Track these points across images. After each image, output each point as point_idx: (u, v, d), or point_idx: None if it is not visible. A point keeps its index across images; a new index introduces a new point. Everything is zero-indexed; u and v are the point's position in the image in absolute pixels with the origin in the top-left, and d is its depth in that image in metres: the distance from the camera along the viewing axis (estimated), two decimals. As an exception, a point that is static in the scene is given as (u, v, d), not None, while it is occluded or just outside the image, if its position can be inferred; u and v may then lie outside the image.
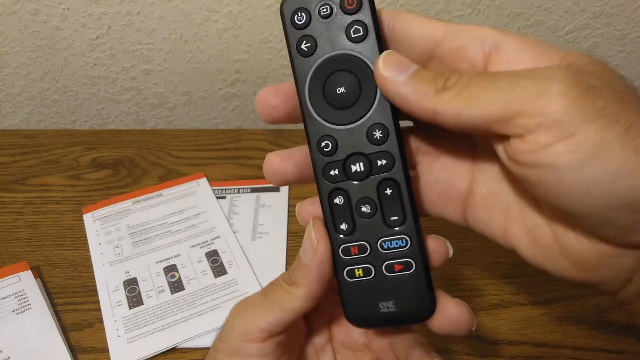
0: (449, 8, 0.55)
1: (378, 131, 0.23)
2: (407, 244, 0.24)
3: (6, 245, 0.49)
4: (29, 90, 0.63)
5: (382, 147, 0.23)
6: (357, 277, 0.24)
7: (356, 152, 0.23)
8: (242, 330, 0.25)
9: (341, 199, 0.24)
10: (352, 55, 0.23)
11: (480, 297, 0.44)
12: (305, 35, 0.23)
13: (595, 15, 0.57)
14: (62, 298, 0.45)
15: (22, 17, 0.56)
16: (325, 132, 0.24)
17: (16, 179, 0.56)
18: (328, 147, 0.24)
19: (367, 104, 0.23)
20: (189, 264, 0.47)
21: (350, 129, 0.23)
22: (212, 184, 0.55)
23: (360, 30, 0.22)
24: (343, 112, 0.23)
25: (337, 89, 0.23)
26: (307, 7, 0.23)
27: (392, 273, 0.24)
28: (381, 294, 0.24)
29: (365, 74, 0.23)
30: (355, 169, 0.24)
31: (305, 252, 0.24)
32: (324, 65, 0.23)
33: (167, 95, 0.64)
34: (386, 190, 0.24)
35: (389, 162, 0.23)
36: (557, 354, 0.40)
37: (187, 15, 0.56)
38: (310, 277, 0.24)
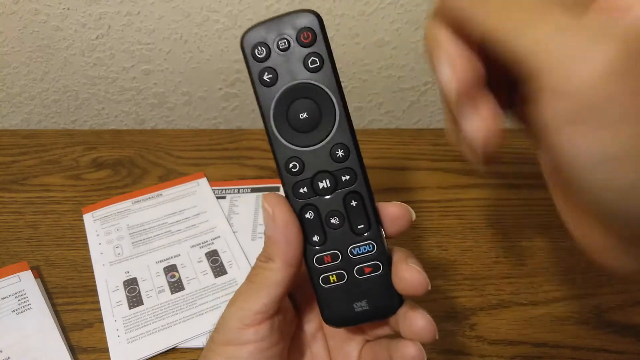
0: (449, 8, 0.55)
1: (340, 150, 0.26)
2: (373, 248, 0.26)
3: (6, 245, 0.49)
4: (29, 90, 0.63)
5: (345, 164, 0.26)
6: (331, 282, 0.27)
7: (322, 171, 0.26)
8: (238, 317, 0.26)
9: (311, 214, 0.26)
10: (311, 84, 0.25)
11: (480, 297, 0.44)
12: (267, 67, 0.25)
13: (595, 15, 0.56)
14: (62, 298, 0.45)
15: (22, 17, 0.56)
16: (292, 154, 0.26)
17: (16, 179, 0.56)
18: (296, 168, 0.26)
19: (328, 127, 0.25)
20: (189, 264, 0.47)
21: (315, 150, 0.26)
22: (212, 184, 0.55)
23: (317, 61, 0.25)
24: (307, 135, 0.26)
25: (300, 114, 0.25)
26: (266, 41, 0.25)
27: (362, 275, 0.27)
28: (354, 295, 0.27)
29: (325, 100, 0.25)
30: (323, 185, 0.26)
31: (267, 225, 0.25)
32: (285, 94, 0.25)
33: (167, 95, 0.64)
34: (351, 202, 0.26)
35: (352, 177, 0.26)
36: (557, 354, 0.40)
37: (187, 15, 0.56)
38: (279, 245, 0.25)
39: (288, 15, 0.25)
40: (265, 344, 0.26)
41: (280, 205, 0.25)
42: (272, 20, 0.25)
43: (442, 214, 0.51)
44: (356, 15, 0.56)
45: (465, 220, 0.50)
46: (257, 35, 0.25)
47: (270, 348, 0.26)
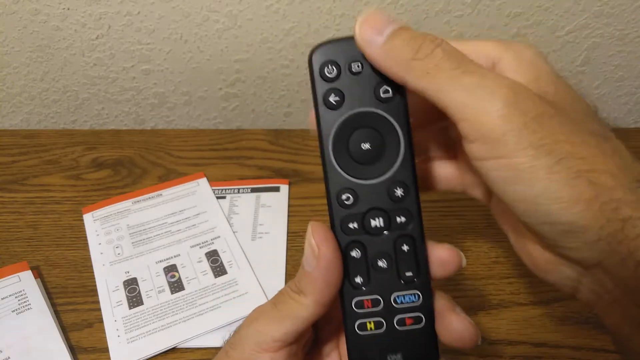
0: (449, 8, 0.55)
1: (399, 189, 0.24)
2: (419, 298, 0.25)
3: (6, 245, 0.49)
4: (29, 90, 0.63)
5: (402, 205, 0.24)
6: (368, 330, 0.25)
7: (376, 207, 0.24)
8: (255, 340, 0.25)
9: (358, 253, 0.24)
10: (379, 114, 0.23)
11: (480, 297, 0.44)
12: (334, 89, 0.23)
13: (595, 15, 0.56)
14: (62, 298, 0.45)
15: (22, 17, 0.56)
16: (346, 185, 0.24)
17: (16, 179, 0.56)
18: (349, 200, 0.24)
19: (390, 162, 0.24)
20: (189, 264, 0.47)
21: (372, 184, 0.24)
22: (212, 184, 0.55)
23: (389, 90, 0.23)
24: (366, 167, 0.24)
25: (362, 144, 0.24)
26: (338, 60, 0.23)
27: (402, 326, 0.25)
28: (390, 347, 0.25)
29: (390, 132, 0.24)
30: (375, 223, 0.24)
31: (308, 260, 0.24)
32: (350, 120, 0.24)
33: (167, 95, 0.64)
34: (403, 246, 0.24)
35: (408, 219, 0.24)
36: (557, 354, 0.40)
37: (187, 15, 0.56)
38: (316, 284, 0.24)
39: None
40: None
41: (327, 242, 0.23)
42: (347, 40, 0.23)
43: (442, 214, 0.51)
44: (356, 15, 0.56)
45: (465, 220, 0.50)
46: (329, 53, 0.24)
47: None
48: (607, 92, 0.65)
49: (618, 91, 0.64)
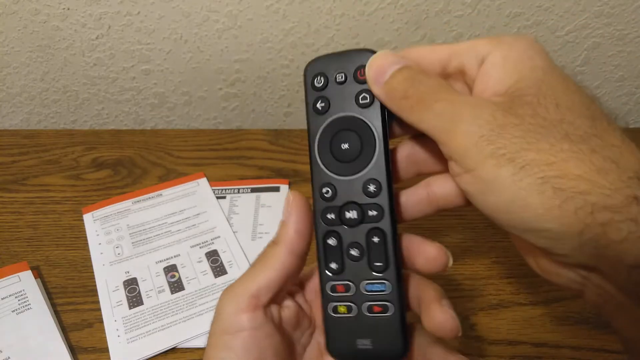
0: (449, 8, 0.55)
1: (372, 185, 0.26)
2: (387, 288, 0.26)
3: (6, 245, 0.49)
4: (29, 90, 0.63)
5: (375, 200, 0.26)
6: (340, 312, 0.27)
7: (351, 201, 0.26)
8: (232, 303, 0.26)
9: (334, 241, 0.27)
10: (358, 118, 0.26)
11: (480, 297, 0.44)
12: (321, 96, 0.27)
13: (595, 15, 0.57)
14: (62, 298, 0.45)
15: (22, 17, 0.56)
16: (327, 180, 0.27)
17: (16, 179, 0.56)
18: (328, 194, 0.27)
19: (366, 161, 0.26)
20: (189, 264, 0.47)
21: (349, 180, 0.26)
22: (212, 184, 0.55)
23: (367, 98, 0.26)
24: (345, 165, 0.27)
25: (342, 144, 0.26)
26: (326, 72, 0.27)
27: (371, 313, 0.26)
28: (359, 332, 0.27)
29: (367, 134, 0.26)
30: (349, 215, 0.26)
31: (284, 210, 0.27)
32: (333, 123, 0.27)
33: (167, 95, 0.64)
34: (374, 238, 0.26)
35: (379, 213, 0.26)
36: (557, 354, 0.40)
37: (187, 15, 0.56)
38: (289, 230, 0.26)
39: (350, 52, 0.27)
40: (260, 334, 0.26)
41: (301, 198, 0.26)
42: (335, 55, 0.27)
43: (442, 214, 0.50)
44: (356, 15, 0.56)
45: (465, 220, 0.50)
46: (319, 66, 0.27)
47: (265, 338, 0.26)
48: (607, 92, 0.65)
49: (618, 91, 0.64)
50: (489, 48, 0.24)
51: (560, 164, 0.20)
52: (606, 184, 0.20)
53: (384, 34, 0.57)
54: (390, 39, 0.58)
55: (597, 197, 0.19)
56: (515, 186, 0.20)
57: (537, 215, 0.20)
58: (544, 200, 0.20)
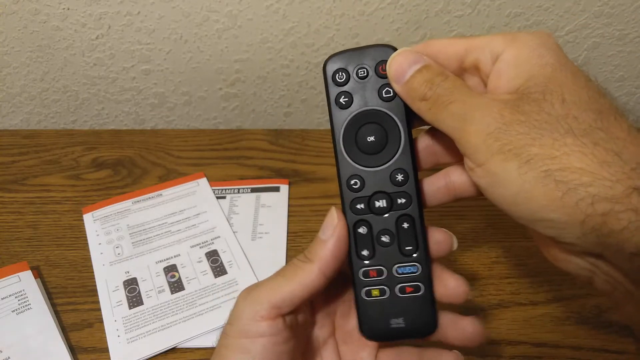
0: (449, 8, 0.55)
1: (400, 175, 0.27)
2: (418, 270, 0.28)
3: (6, 245, 0.49)
4: (29, 90, 0.63)
5: (403, 188, 0.28)
6: (373, 296, 0.28)
7: (380, 191, 0.28)
8: (252, 309, 0.26)
9: (365, 229, 0.28)
10: (383, 112, 0.27)
11: (480, 297, 0.44)
12: (344, 91, 0.28)
13: (595, 15, 0.56)
14: (62, 298, 0.45)
15: (22, 17, 0.56)
16: (354, 172, 0.28)
17: (16, 179, 0.56)
18: (357, 185, 0.28)
19: (392, 152, 0.28)
20: (189, 264, 0.47)
21: (377, 171, 0.28)
22: (212, 184, 0.55)
23: (391, 91, 0.27)
24: (371, 156, 0.28)
25: (368, 137, 0.28)
26: (347, 68, 0.27)
27: (403, 294, 0.28)
28: (393, 312, 0.28)
29: (392, 127, 0.27)
30: (379, 204, 0.28)
31: (325, 229, 0.27)
32: (358, 117, 0.28)
33: (167, 95, 0.64)
34: (403, 224, 0.28)
35: (408, 201, 0.28)
36: (557, 354, 0.40)
37: (187, 15, 0.56)
38: (326, 251, 0.26)
39: (370, 48, 0.27)
40: (279, 339, 0.26)
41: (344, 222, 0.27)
42: (355, 50, 0.28)
43: (442, 214, 0.51)
44: (356, 15, 0.56)
45: (465, 220, 0.50)
46: (340, 61, 0.28)
47: (283, 344, 0.27)
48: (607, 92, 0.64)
49: (618, 91, 0.64)
50: (503, 46, 0.25)
51: (563, 158, 0.21)
52: (607, 176, 0.20)
53: (384, 34, 0.57)
54: (390, 39, 0.58)
55: (598, 188, 0.20)
56: (521, 179, 0.22)
57: (541, 206, 0.21)
58: (547, 192, 0.21)
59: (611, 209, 0.20)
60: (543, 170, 0.21)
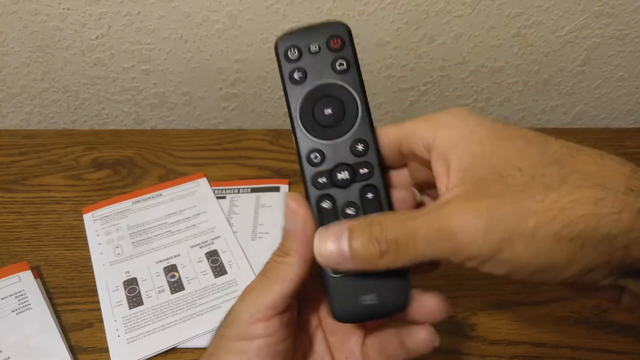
0: (449, 8, 0.55)
1: (360, 145, 0.27)
2: None
3: (6, 245, 0.49)
4: (29, 90, 0.63)
5: (364, 158, 0.27)
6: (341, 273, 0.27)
7: (342, 163, 0.27)
8: (249, 313, 0.26)
9: (328, 204, 0.27)
10: (338, 84, 0.27)
11: (480, 297, 0.44)
12: (297, 67, 0.27)
13: (595, 15, 0.57)
14: (62, 298, 0.45)
15: (22, 17, 0.56)
16: (314, 146, 0.27)
17: (16, 179, 0.56)
18: (317, 159, 0.27)
19: (350, 123, 0.27)
20: (189, 264, 0.47)
21: (336, 143, 0.27)
22: (212, 184, 0.55)
23: (344, 64, 0.27)
24: (330, 129, 0.27)
25: (325, 110, 0.27)
26: (298, 44, 0.27)
27: None
28: (363, 288, 0.27)
29: (349, 98, 0.27)
30: (341, 176, 0.27)
31: (288, 220, 0.27)
32: (313, 91, 0.27)
33: (167, 95, 0.64)
34: (367, 194, 0.27)
35: (370, 170, 0.27)
36: (557, 354, 0.40)
37: (187, 15, 0.56)
38: (298, 240, 0.26)
39: (320, 25, 0.27)
40: (275, 339, 0.26)
41: (302, 201, 0.27)
42: (305, 29, 0.28)
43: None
44: (356, 15, 0.56)
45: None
46: (291, 39, 0.28)
47: (279, 343, 0.27)
48: (607, 92, 0.65)
49: (618, 91, 0.64)
50: (430, 134, 0.25)
51: (561, 214, 0.21)
52: (608, 210, 0.20)
53: (384, 34, 0.57)
54: (390, 39, 0.58)
55: (607, 227, 0.20)
56: (536, 255, 0.21)
57: (565, 267, 0.21)
58: (565, 254, 0.21)
59: (629, 239, 0.20)
60: (551, 237, 0.21)
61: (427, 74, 0.62)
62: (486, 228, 0.21)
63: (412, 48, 0.59)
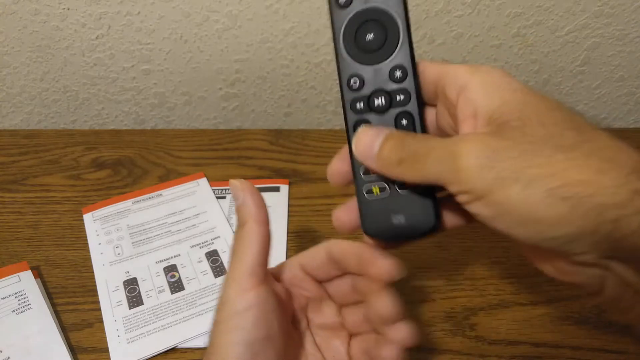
0: (449, 8, 0.55)
1: (398, 71, 0.27)
2: None
3: (6, 245, 0.49)
4: (29, 90, 0.63)
5: (401, 85, 0.27)
6: (374, 194, 0.28)
7: (379, 89, 0.28)
8: (235, 288, 0.28)
9: None
10: (382, 9, 0.28)
11: (480, 297, 0.44)
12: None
13: (595, 15, 0.57)
14: (62, 298, 0.45)
15: (22, 17, 0.56)
16: (354, 71, 0.28)
17: (16, 179, 0.56)
18: (356, 84, 0.28)
19: (391, 49, 0.27)
20: (189, 264, 0.47)
21: (376, 68, 0.28)
22: (212, 184, 0.55)
23: None
24: (370, 54, 0.28)
25: (367, 35, 0.28)
26: None
27: (403, 190, 0.28)
28: (394, 208, 0.28)
29: (391, 24, 0.28)
30: (378, 102, 0.28)
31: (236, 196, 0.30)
32: (357, 15, 0.28)
33: (167, 95, 0.64)
34: (402, 120, 0.28)
35: (407, 97, 0.27)
36: (557, 354, 0.40)
37: (187, 15, 0.56)
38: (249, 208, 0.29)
39: None
40: (267, 307, 0.28)
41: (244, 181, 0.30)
42: None
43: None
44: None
45: (465, 220, 0.50)
46: None
47: (271, 312, 0.28)
48: (607, 92, 0.65)
49: (618, 91, 0.64)
50: (468, 76, 0.25)
51: (562, 174, 0.21)
52: (609, 183, 0.21)
53: (384, 34, 0.57)
54: (390, 39, 0.58)
55: (603, 197, 0.21)
56: (526, 203, 0.21)
57: (550, 225, 0.21)
58: (554, 211, 0.21)
59: (620, 214, 0.21)
60: (546, 190, 0.21)
61: (427, 74, 0.61)
62: (486, 162, 0.22)
63: (412, 48, 0.59)
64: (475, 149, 0.23)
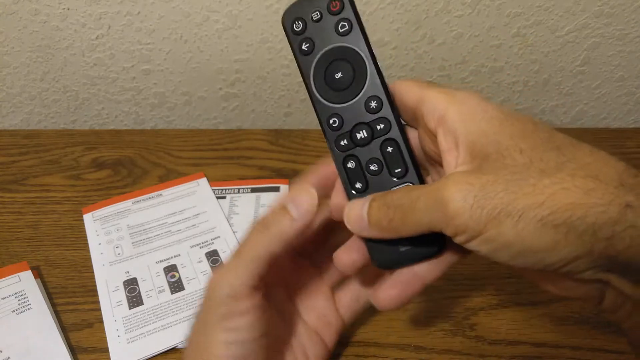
0: (449, 8, 0.55)
1: (373, 102, 0.28)
2: None
3: (6, 245, 0.49)
4: (29, 90, 0.63)
5: (379, 115, 0.28)
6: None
7: (359, 122, 0.28)
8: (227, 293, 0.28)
9: (353, 163, 0.28)
10: (343, 46, 0.28)
11: (480, 297, 0.44)
12: (304, 38, 0.28)
13: (595, 15, 0.57)
14: (62, 298, 0.45)
15: (22, 17, 0.56)
16: (331, 112, 0.28)
17: (16, 179, 0.56)
18: (336, 123, 0.28)
19: (361, 82, 0.28)
20: (189, 264, 0.47)
21: (351, 104, 0.28)
22: (212, 184, 0.55)
23: (346, 25, 0.28)
24: (343, 92, 0.28)
25: (335, 74, 0.28)
26: (302, 15, 0.28)
27: None
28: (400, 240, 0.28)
29: (356, 59, 0.28)
30: (360, 136, 0.28)
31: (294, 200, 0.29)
32: (322, 58, 0.28)
33: (167, 95, 0.64)
34: (388, 148, 0.28)
35: (387, 125, 0.28)
36: (557, 354, 0.40)
37: (187, 15, 0.56)
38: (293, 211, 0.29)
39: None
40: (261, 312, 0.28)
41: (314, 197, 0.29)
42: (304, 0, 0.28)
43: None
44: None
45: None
46: (294, 12, 0.29)
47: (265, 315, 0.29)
48: (607, 92, 0.65)
49: (618, 91, 0.64)
50: (445, 105, 0.25)
51: (550, 200, 0.21)
52: (598, 202, 0.21)
53: (384, 34, 0.57)
54: (390, 39, 0.58)
55: (594, 217, 0.21)
56: (520, 236, 0.22)
57: (547, 252, 0.22)
58: (549, 239, 0.21)
59: (613, 231, 0.21)
60: (538, 221, 0.21)
61: (427, 74, 0.62)
62: (475, 202, 0.22)
63: (412, 48, 0.59)
64: (461, 191, 0.23)
